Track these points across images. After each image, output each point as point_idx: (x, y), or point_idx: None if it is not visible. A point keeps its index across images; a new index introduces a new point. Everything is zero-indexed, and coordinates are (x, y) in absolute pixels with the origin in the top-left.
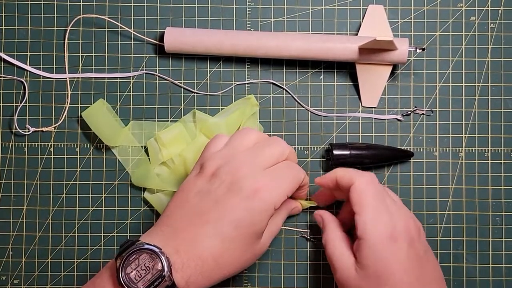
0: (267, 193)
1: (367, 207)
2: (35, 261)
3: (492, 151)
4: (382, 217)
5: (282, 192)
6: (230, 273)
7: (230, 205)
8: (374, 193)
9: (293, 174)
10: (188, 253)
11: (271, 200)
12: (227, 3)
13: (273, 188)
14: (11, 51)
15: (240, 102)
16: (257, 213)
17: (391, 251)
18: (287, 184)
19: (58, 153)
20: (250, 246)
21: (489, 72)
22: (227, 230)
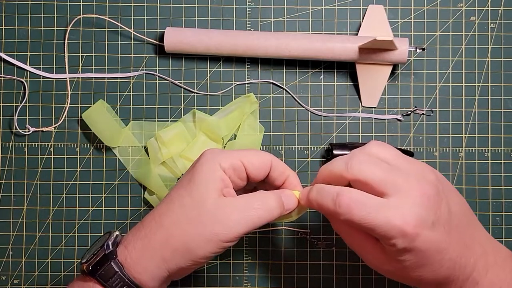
0: (209, 151)
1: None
2: (35, 261)
3: (492, 151)
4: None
5: (231, 154)
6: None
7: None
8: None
9: (256, 150)
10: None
11: (211, 156)
12: (227, 3)
13: (220, 150)
14: (11, 51)
15: (240, 100)
16: (195, 169)
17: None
18: (242, 152)
19: (58, 153)
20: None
21: (489, 72)
22: (170, 194)
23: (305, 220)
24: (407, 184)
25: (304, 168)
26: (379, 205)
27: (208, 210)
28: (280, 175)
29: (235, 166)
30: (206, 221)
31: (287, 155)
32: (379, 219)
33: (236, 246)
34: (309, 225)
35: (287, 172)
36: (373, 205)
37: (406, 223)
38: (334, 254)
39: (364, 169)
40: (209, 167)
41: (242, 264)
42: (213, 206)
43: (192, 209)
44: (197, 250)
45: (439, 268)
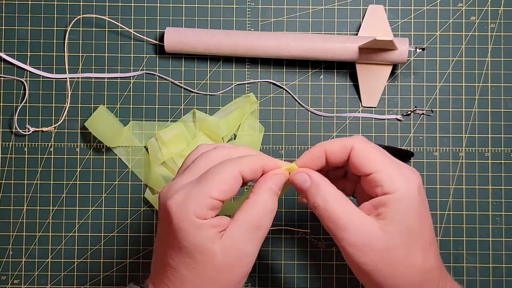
0: (175, 205)
1: (384, 161)
2: (35, 261)
3: (492, 151)
4: (404, 169)
5: (198, 196)
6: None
7: (160, 233)
8: (378, 148)
9: (215, 169)
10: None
11: (181, 214)
12: (227, 3)
13: (184, 197)
14: (11, 51)
15: (240, 100)
16: (177, 234)
17: (421, 201)
18: (207, 185)
19: (58, 153)
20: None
21: (489, 72)
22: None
23: (305, 220)
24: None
25: None
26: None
27: (221, 265)
28: (254, 175)
29: (210, 206)
30: (227, 274)
31: (287, 155)
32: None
33: None
34: (309, 225)
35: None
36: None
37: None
38: (334, 254)
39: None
40: (189, 226)
41: None
42: (223, 256)
43: (206, 272)
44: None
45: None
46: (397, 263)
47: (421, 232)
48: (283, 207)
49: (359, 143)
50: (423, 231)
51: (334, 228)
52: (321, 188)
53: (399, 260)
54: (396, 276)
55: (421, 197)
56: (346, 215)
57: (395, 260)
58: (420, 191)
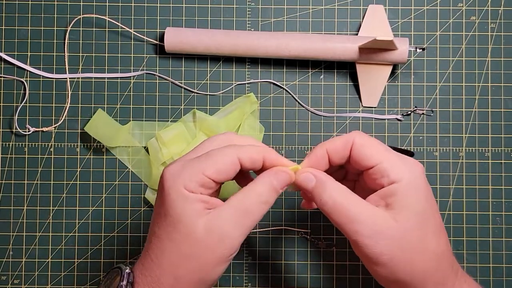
0: (169, 175)
1: (386, 152)
2: (35, 261)
3: (492, 151)
4: (406, 158)
5: (192, 170)
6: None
7: (155, 206)
8: (377, 141)
9: (215, 150)
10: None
11: (172, 182)
12: (227, 3)
13: (179, 169)
14: (12, 51)
15: (240, 100)
16: (165, 201)
17: (427, 186)
18: (203, 162)
19: (58, 153)
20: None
21: (489, 72)
22: (154, 229)
23: (305, 220)
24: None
25: None
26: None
27: (201, 240)
28: (253, 164)
29: (201, 183)
30: (206, 251)
31: (287, 155)
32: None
33: None
34: (309, 225)
35: (259, 157)
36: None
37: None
38: (334, 254)
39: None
40: (177, 195)
41: (242, 264)
42: (204, 232)
43: (185, 245)
44: (209, 277)
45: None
46: (412, 249)
47: (431, 217)
48: (283, 207)
49: (359, 137)
50: (433, 215)
51: (345, 223)
52: (328, 185)
53: (414, 246)
54: (412, 263)
55: (427, 183)
56: (356, 208)
57: (410, 246)
58: (425, 177)
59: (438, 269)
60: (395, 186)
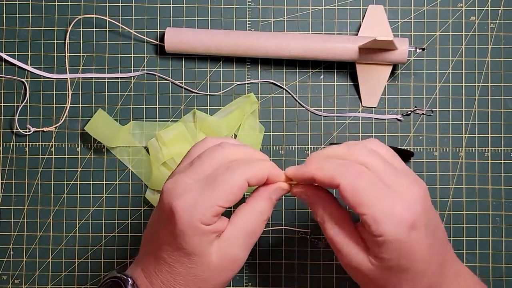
0: (183, 211)
1: (373, 201)
2: (36, 261)
3: (492, 151)
4: (394, 206)
5: (206, 204)
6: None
7: (160, 229)
8: (369, 184)
9: (223, 178)
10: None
11: (188, 221)
12: (227, 3)
13: (192, 203)
14: (12, 51)
15: (240, 100)
16: (179, 236)
17: (414, 240)
18: (215, 193)
19: (59, 153)
20: (194, 267)
21: (489, 72)
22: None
23: (305, 220)
24: (406, 181)
25: None
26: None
27: (215, 266)
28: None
29: (216, 214)
30: (219, 275)
31: (287, 155)
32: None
33: None
34: (309, 225)
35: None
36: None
37: (405, 210)
38: (334, 254)
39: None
40: (194, 232)
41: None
42: (218, 259)
43: (200, 271)
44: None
45: (421, 279)
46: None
47: (410, 268)
48: (283, 207)
49: (346, 180)
50: (413, 267)
51: (331, 245)
52: (316, 206)
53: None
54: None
55: (415, 235)
56: (340, 241)
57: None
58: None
59: None
60: (375, 239)
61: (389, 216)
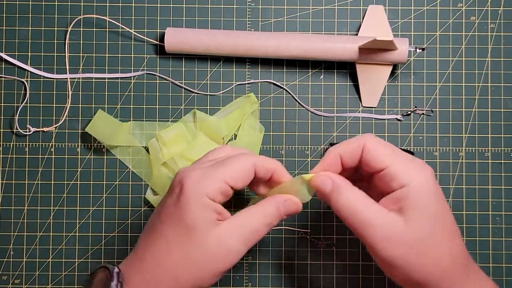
0: (191, 181)
1: (396, 155)
2: (36, 261)
3: (492, 151)
4: (415, 160)
5: (214, 178)
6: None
7: (165, 206)
8: (388, 144)
9: (232, 158)
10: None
11: (195, 189)
12: (227, 3)
13: (200, 176)
14: (12, 51)
15: (240, 100)
16: (183, 206)
17: (437, 188)
18: (222, 169)
19: (59, 153)
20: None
21: (489, 72)
22: (163, 230)
23: (305, 220)
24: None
25: (304, 168)
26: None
27: (210, 251)
28: (265, 174)
29: (222, 190)
30: (211, 262)
31: (287, 155)
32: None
33: None
34: (309, 225)
35: (271, 167)
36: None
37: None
38: (335, 254)
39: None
40: (197, 203)
41: (242, 264)
42: (215, 243)
43: (194, 252)
44: (204, 286)
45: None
46: (426, 251)
47: (443, 218)
48: None
49: (370, 140)
50: (445, 216)
51: (360, 227)
52: (343, 189)
53: (428, 249)
54: (427, 265)
55: (437, 185)
56: (371, 214)
57: (424, 249)
58: (434, 179)
59: (453, 269)
60: (404, 190)
61: (414, 164)
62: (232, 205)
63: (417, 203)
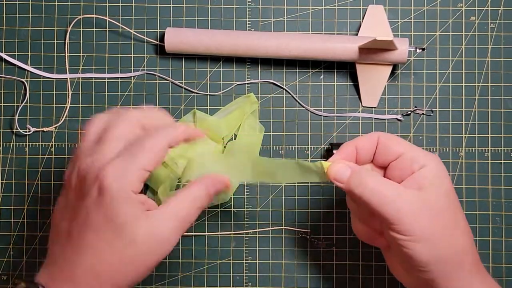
0: (111, 180)
1: (408, 143)
2: (36, 261)
3: (492, 151)
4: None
5: (134, 169)
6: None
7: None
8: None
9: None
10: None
11: (118, 186)
12: (227, 3)
13: (119, 170)
14: (12, 51)
15: (240, 100)
16: (108, 207)
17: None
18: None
19: (59, 153)
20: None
21: (489, 72)
22: (89, 239)
23: (305, 220)
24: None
25: None
26: None
27: (142, 245)
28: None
29: (143, 179)
30: (145, 256)
31: (287, 155)
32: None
33: (236, 246)
34: (309, 225)
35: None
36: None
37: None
38: (334, 254)
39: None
40: (122, 201)
41: (242, 264)
42: (147, 237)
43: (126, 251)
44: (140, 279)
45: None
46: (449, 225)
47: (456, 197)
48: (283, 207)
49: (383, 134)
50: (457, 198)
51: (386, 203)
52: (363, 173)
53: (450, 222)
54: (451, 238)
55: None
56: (395, 190)
57: (447, 222)
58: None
59: (472, 247)
60: (425, 169)
61: (424, 151)
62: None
63: (436, 181)
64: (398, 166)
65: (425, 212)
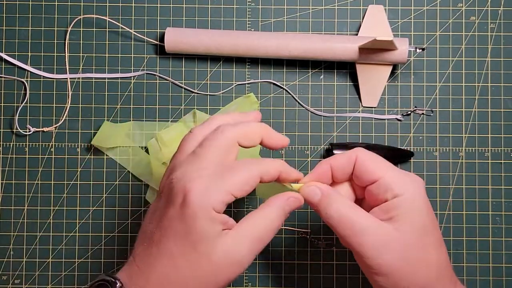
0: (196, 195)
1: (389, 166)
2: (36, 261)
3: (492, 151)
4: (406, 173)
5: (220, 190)
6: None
7: (167, 219)
8: (380, 157)
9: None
10: (139, 279)
11: (201, 202)
12: (227, 3)
13: (206, 187)
14: (12, 51)
15: (240, 100)
16: (189, 220)
17: (427, 201)
18: (229, 181)
19: (59, 153)
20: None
21: (489, 72)
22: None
23: (305, 220)
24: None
25: (304, 168)
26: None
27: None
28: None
29: (227, 202)
30: (218, 273)
31: (287, 155)
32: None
33: None
34: (309, 225)
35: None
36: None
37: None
38: (335, 254)
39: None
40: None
41: None
42: (223, 256)
43: (201, 266)
44: None
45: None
46: (414, 260)
47: (432, 229)
48: None
49: (362, 153)
50: (434, 229)
51: (350, 235)
52: (333, 198)
53: (417, 258)
54: (414, 274)
55: (427, 198)
56: (361, 221)
57: (413, 258)
58: (425, 192)
59: (438, 280)
60: (398, 199)
61: (406, 175)
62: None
63: (408, 213)
64: (373, 191)
65: (392, 246)
